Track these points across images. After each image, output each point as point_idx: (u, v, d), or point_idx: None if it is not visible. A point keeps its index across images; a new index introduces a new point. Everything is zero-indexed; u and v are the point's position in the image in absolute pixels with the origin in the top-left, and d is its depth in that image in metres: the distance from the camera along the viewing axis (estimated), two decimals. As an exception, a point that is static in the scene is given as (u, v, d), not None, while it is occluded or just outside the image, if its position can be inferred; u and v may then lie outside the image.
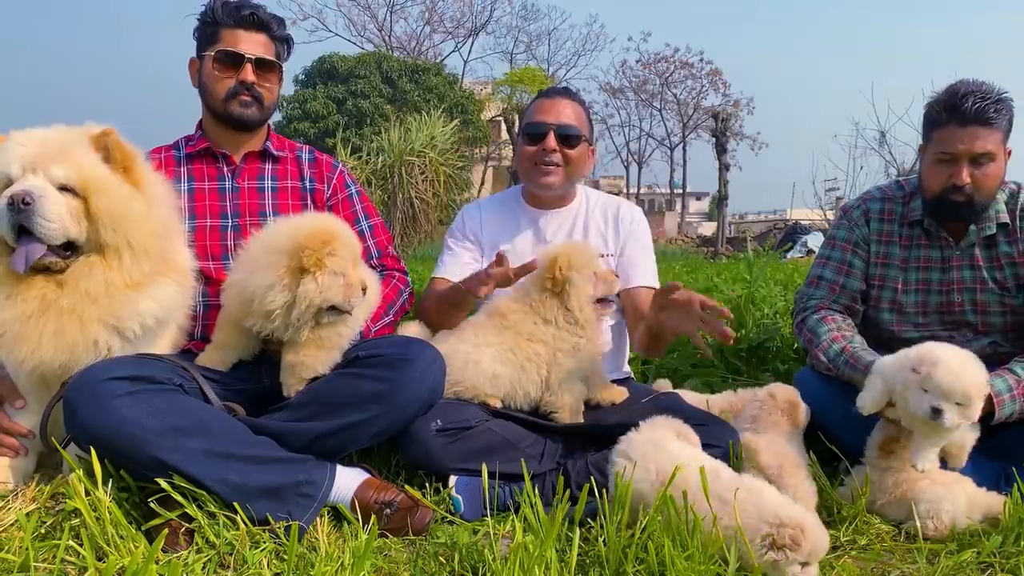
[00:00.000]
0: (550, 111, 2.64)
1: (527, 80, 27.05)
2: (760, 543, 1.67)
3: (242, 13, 2.40)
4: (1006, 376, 2.21)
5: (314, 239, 1.99)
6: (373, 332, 2.35)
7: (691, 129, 37.14)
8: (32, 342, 1.86)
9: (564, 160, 2.62)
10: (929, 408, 2.03)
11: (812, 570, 1.69)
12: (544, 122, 2.62)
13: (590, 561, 1.77)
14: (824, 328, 2.49)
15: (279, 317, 2.01)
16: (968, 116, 2.25)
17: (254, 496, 1.87)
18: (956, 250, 2.46)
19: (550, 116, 2.63)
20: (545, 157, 2.61)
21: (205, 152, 2.51)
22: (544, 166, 2.62)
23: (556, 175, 2.63)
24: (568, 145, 2.62)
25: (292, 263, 1.99)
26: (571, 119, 2.64)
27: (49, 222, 1.84)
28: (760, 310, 4.09)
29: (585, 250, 2.45)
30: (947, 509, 1.99)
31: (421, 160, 13.83)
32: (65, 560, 1.67)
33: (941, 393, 2.02)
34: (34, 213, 1.82)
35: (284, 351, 2.12)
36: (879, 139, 19.69)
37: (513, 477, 2.14)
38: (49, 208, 1.84)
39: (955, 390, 2.02)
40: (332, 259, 2.01)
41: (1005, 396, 2.17)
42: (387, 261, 2.66)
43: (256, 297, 2.00)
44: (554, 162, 2.61)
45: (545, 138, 2.60)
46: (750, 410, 2.38)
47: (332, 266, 2.01)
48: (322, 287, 1.99)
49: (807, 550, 1.65)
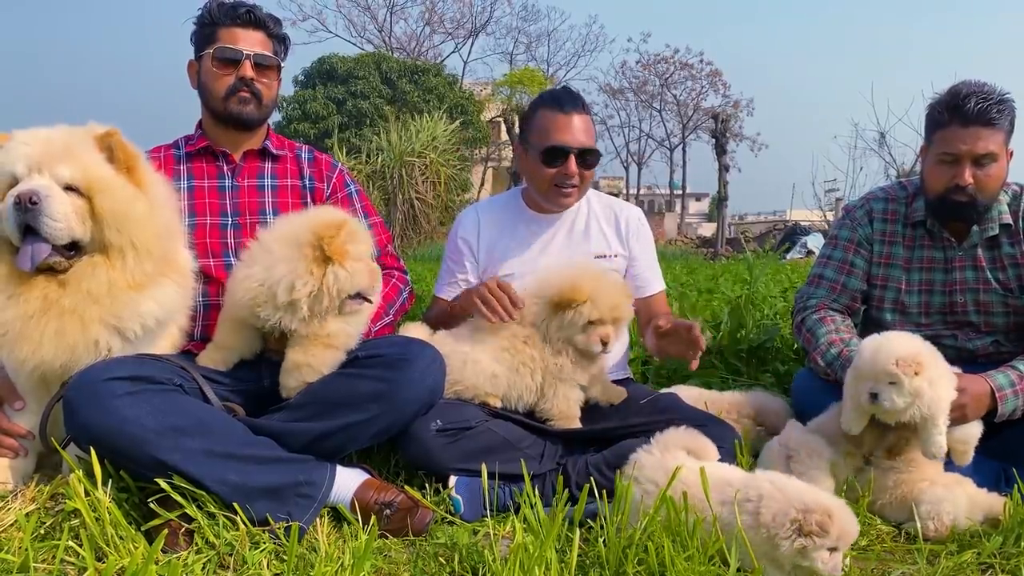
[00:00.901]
0: (568, 130, 2.52)
1: (527, 81, 27.04)
2: (788, 529, 1.64)
3: (239, 11, 2.41)
4: (1008, 372, 2.21)
5: (333, 227, 2.02)
6: (374, 332, 2.35)
7: (691, 130, 37.14)
8: (33, 342, 1.86)
9: (582, 180, 2.58)
10: (867, 395, 2.07)
11: (839, 556, 1.66)
12: (566, 145, 2.51)
13: (590, 562, 1.76)
14: (822, 330, 2.49)
15: (304, 307, 2.02)
16: (970, 117, 2.25)
17: (254, 496, 1.87)
18: (959, 251, 2.46)
19: (569, 137, 2.52)
20: (567, 181, 2.55)
21: (205, 151, 2.51)
22: (565, 188, 2.56)
23: (574, 196, 2.60)
24: (587, 166, 2.57)
25: (315, 253, 2.01)
26: (589, 138, 2.57)
27: (56, 222, 1.84)
28: (760, 311, 4.09)
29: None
30: (948, 510, 1.99)
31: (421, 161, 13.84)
32: (65, 561, 1.67)
33: (870, 375, 2.08)
34: (41, 213, 1.82)
35: (289, 349, 2.11)
36: (879, 140, 19.74)
37: (513, 477, 2.14)
38: (56, 208, 1.84)
39: (875, 370, 2.07)
40: (354, 246, 2.04)
41: (1007, 391, 2.17)
42: (386, 260, 2.66)
43: (280, 289, 2.01)
44: (575, 184, 2.56)
45: (567, 161, 2.52)
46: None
47: (355, 253, 2.04)
48: (351, 273, 2.03)
49: (835, 535, 1.63)
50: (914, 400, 2.04)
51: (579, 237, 2.71)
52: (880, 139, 19.64)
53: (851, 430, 2.19)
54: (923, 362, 2.06)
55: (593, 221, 2.73)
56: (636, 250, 2.73)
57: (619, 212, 2.76)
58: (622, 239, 2.73)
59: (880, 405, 2.06)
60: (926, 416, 2.07)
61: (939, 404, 2.07)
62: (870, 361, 2.09)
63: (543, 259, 2.64)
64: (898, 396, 2.04)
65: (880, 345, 2.11)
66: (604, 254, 2.69)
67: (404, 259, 3.06)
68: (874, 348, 2.11)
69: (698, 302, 4.58)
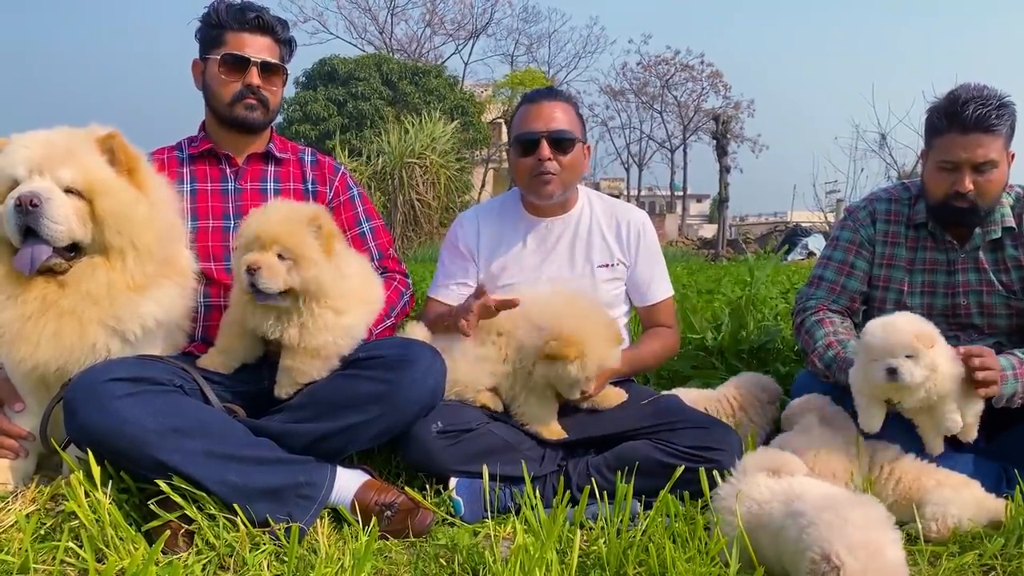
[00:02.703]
0: (538, 117, 2.52)
1: (528, 82, 27.02)
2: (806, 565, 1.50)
3: (247, 16, 2.40)
4: (1009, 357, 2.22)
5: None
6: (375, 335, 2.35)
7: (692, 131, 37.09)
8: (31, 343, 1.86)
9: (560, 166, 2.52)
10: (884, 371, 2.06)
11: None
12: (534, 131, 2.50)
13: (591, 563, 1.76)
14: (821, 332, 2.48)
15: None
16: (969, 124, 2.23)
17: (254, 497, 1.87)
18: (961, 253, 2.45)
19: (539, 123, 2.51)
20: (540, 168, 2.50)
21: (208, 153, 2.51)
22: (542, 175, 2.51)
23: (554, 183, 2.53)
24: (562, 150, 2.52)
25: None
26: (562, 122, 2.53)
27: (56, 224, 1.85)
28: (760, 312, 4.08)
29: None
30: (953, 512, 1.97)
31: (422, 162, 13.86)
32: (65, 562, 1.67)
33: (884, 351, 2.07)
34: (42, 215, 1.83)
35: (282, 355, 2.12)
36: (879, 141, 19.71)
37: (514, 479, 2.14)
38: (56, 210, 1.84)
39: (891, 345, 2.06)
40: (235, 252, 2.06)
41: (1008, 372, 2.17)
42: (388, 263, 2.66)
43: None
44: (550, 171, 2.50)
45: (538, 147, 2.49)
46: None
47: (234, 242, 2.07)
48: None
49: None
50: (931, 374, 2.05)
51: (582, 246, 2.65)
52: (881, 140, 19.65)
53: (872, 428, 2.17)
54: (935, 336, 2.10)
55: (596, 228, 2.66)
56: (638, 257, 2.67)
57: (621, 217, 2.70)
58: (624, 246, 2.67)
59: (900, 379, 2.04)
60: (941, 393, 2.08)
61: (954, 379, 2.09)
62: (884, 338, 2.08)
63: (546, 268, 2.61)
64: (917, 369, 2.04)
65: (889, 322, 2.12)
66: (607, 263, 2.64)
67: (405, 261, 3.06)
68: (885, 325, 2.11)
69: (699, 303, 4.57)
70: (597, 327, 2.28)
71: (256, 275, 1.98)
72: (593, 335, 2.24)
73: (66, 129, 1.99)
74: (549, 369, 2.22)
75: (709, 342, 3.70)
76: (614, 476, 2.05)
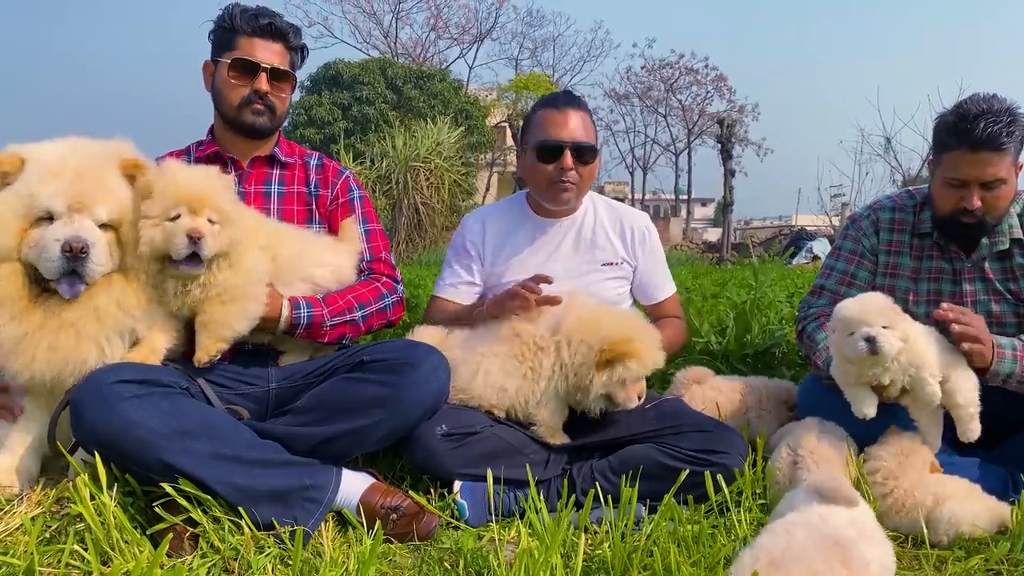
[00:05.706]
0: (563, 126, 2.55)
1: (532, 86, 27.08)
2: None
3: (260, 22, 2.40)
4: (1013, 340, 2.22)
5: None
6: (328, 326, 2.28)
7: (696, 135, 37.09)
8: (27, 356, 1.88)
9: (579, 176, 2.57)
10: (864, 343, 2.08)
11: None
12: (559, 140, 2.53)
13: (595, 567, 1.76)
14: (821, 335, 2.47)
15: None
16: (979, 142, 2.18)
17: (260, 500, 1.88)
18: (967, 263, 2.43)
19: (564, 132, 2.54)
20: (563, 176, 2.55)
21: (214, 156, 2.51)
22: (562, 183, 2.56)
23: (573, 192, 2.59)
24: (584, 161, 2.57)
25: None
26: (585, 133, 2.57)
27: (99, 267, 1.93)
28: (766, 316, 4.07)
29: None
30: (965, 519, 1.96)
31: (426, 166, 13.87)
32: (70, 565, 1.67)
33: (862, 321, 2.10)
34: (88, 260, 1.89)
35: (196, 318, 2.08)
36: (885, 145, 19.68)
37: (518, 483, 2.13)
38: (101, 255, 1.93)
39: (867, 310, 2.11)
40: (147, 203, 1.97)
41: (1007, 352, 2.17)
42: (377, 266, 2.58)
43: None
44: (572, 180, 2.56)
45: (561, 156, 2.53)
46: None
47: (146, 210, 1.96)
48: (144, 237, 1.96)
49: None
50: (905, 345, 2.09)
51: (587, 244, 2.70)
52: (886, 144, 19.61)
53: (867, 414, 2.15)
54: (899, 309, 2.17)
55: (600, 228, 2.72)
56: (642, 258, 2.75)
57: (625, 220, 2.76)
58: (628, 247, 2.73)
59: (880, 347, 2.06)
60: (915, 362, 2.11)
61: (926, 354, 2.12)
62: (860, 309, 2.13)
63: (550, 266, 2.62)
64: (894, 338, 2.08)
65: (861, 297, 2.20)
66: (611, 261, 2.69)
67: (408, 264, 3.04)
68: (859, 299, 2.19)
69: (704, 307, 4.57)
70: (643, 330, 2.32)
71: (200, 243, 1.93)
72: (643, 334, 2.28)
73: (86, 146, 2.01)
74: (611, 374, 2.20)
75: (714, 346, 3.69)
76: (619, 480, 2.05)
